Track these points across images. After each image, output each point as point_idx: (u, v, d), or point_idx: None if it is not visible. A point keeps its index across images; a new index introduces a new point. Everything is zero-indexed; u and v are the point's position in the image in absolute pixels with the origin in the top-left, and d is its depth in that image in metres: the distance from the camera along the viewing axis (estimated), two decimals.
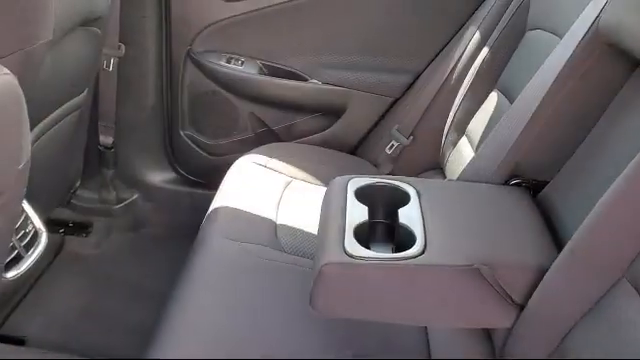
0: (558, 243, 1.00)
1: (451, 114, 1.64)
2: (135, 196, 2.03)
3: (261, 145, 1.79)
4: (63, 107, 1.51)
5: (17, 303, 1.66)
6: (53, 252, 1.86)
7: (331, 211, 1.08)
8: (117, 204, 2.00)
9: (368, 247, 0.98)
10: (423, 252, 0.95)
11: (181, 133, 1.98)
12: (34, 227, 1.18)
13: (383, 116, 1.85)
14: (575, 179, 1.10)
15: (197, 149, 1.99)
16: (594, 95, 1.10)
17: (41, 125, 1.36)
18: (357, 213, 1.06)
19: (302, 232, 1.41)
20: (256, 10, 1.80)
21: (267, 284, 1.22)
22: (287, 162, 1.70)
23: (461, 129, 1.61)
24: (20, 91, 0.72)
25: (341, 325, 1.11)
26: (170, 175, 2.04)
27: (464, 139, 1.59)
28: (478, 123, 1.55)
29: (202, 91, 1.92)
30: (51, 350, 1.47)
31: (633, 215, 0.79)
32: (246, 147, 1.83)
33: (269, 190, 1.57)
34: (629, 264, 0.79)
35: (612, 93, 1.08)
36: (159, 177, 2.03)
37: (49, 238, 1.26)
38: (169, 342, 1.07)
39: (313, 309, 0.96)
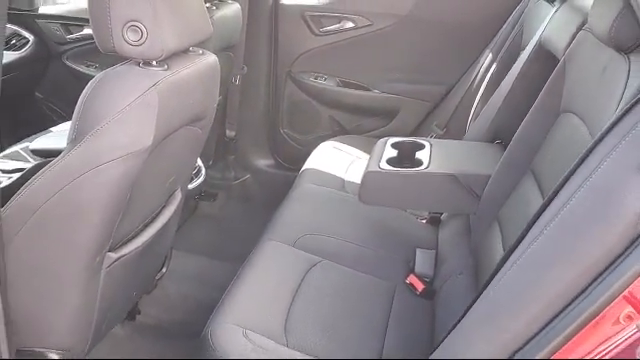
0: None
1: (472, 112, 2.31)
2: (247, 176, 2.81)
3: None
4: None
5: None
6: (191, 211, 2.64)
7: (375, 153, 1.80)
8: (235, 181, 2.79)
9: None
10: (426, 168, 1.65)
11: (281, 131, 2.76)
12: (198, 165, 1.97)
13: (426, 116, 2.54)
14: None
15: (292, 143, 2.76)
16: (541, 85, 1.75)
17: None
18: (390, 153, 1.77)
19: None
20: (335, 42, 2.58)
21: (334, 205, 1.94)
22: (354, 147, 2.42)
23: None
24: (218, 65, 1.48)
25: (373, 221, 1.81)
26: (271, 162, 2.81)
27: None
28: None
29: (297, 100, 2.70)
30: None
31: (533, 129, 1.44)
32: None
33: (341, 162, 2.29)
34: (532, 160, 1.44)
35: None
36: (264, 163, 2.81)
37: (188, 201, 1.96)
38: (274, 229, 1.79)
39: (360, 201, 1.67)
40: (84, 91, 1.14)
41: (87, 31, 2.76)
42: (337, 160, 2.31)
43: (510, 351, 0.88)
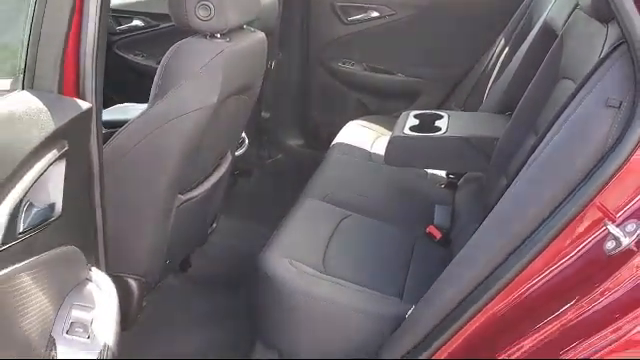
0: None
1: (487, 91, 2.54)
2: (280, 155, 3.07)
3: None
4: None
5: None
6: (230, 186, 2.89)
7: (399, 123, 2.04)
8: (268, 159, 3.05)
9: None
10: (444, 133, 1.89)
11: (311, 113, 3.01)
12: (243, 137, 2.24)
13: (445, 97, 2.78)
14: None
15: (321, 124, 3.01)
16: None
17: None
18: (413, 122, 2.02)
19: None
20: (362, 30, 2.83)
21: (362, 170, 2.19)
22: (379, 125, 2.67)
23: None
24: (266, 41, 1.74)
25: (397, 183, 2.06)
26: (302, 142, 3.07)
27: None
28: None
29: (326, 84, 2.95)
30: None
31: (536, 95, 1.68)
32: None
33: (367, 138, 2.53)
34: (535, 122, 1.68)
35: None
36: (295, 142, 3.07)
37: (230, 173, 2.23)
38: (310, 189, 2.04)
39: (385, 162, 1.92)
40: (164, 57, 1.41)
41: (136, 22, 3.04)
42: (364, 136, 2.55)
43: (505, 253, 1.13)
